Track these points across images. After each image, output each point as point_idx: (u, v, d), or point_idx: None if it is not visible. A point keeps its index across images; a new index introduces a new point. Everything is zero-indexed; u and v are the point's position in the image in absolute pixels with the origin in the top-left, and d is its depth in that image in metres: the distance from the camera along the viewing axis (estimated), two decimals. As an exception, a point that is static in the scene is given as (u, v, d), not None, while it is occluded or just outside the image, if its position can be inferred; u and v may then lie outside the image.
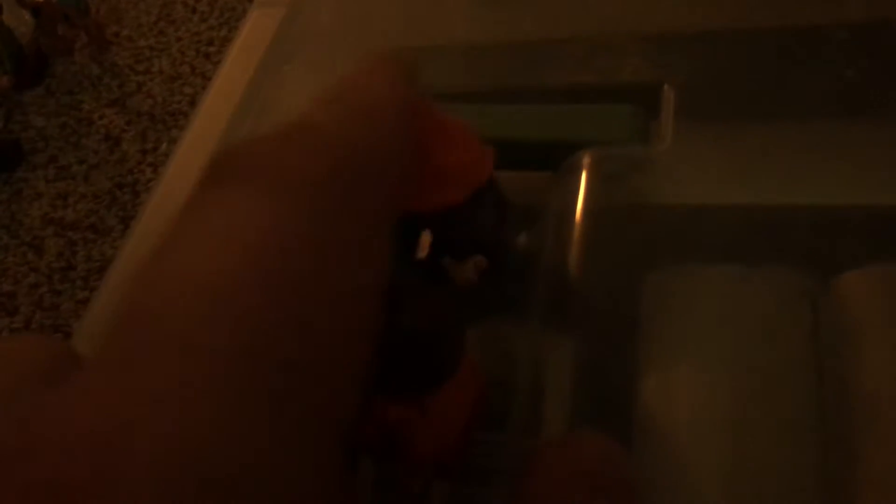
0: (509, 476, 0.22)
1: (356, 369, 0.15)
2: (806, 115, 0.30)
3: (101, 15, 1.99)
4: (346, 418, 0.15)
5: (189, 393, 0.12)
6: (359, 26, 0.41)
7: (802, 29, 0.32)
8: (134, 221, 0.39)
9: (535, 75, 0.34)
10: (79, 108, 1.84)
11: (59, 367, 0.15)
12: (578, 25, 0.35)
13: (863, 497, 0.22)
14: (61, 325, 1.46)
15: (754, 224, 0.27)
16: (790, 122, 0.30)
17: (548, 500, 0.17)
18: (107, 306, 0.35)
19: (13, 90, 1.90)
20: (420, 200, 0.22)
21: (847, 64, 0.30)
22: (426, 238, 0.23)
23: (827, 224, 0.27)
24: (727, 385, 0.25)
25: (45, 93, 1.90)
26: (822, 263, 0.26)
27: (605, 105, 0.30)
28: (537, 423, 0.25)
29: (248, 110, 0.39)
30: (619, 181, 0.28)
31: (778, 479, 0.23)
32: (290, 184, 0.15)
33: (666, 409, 0.25)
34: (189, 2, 1.96)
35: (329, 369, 0.14)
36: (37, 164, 1.77)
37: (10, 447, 0.12)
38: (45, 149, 1.79)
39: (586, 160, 0.28)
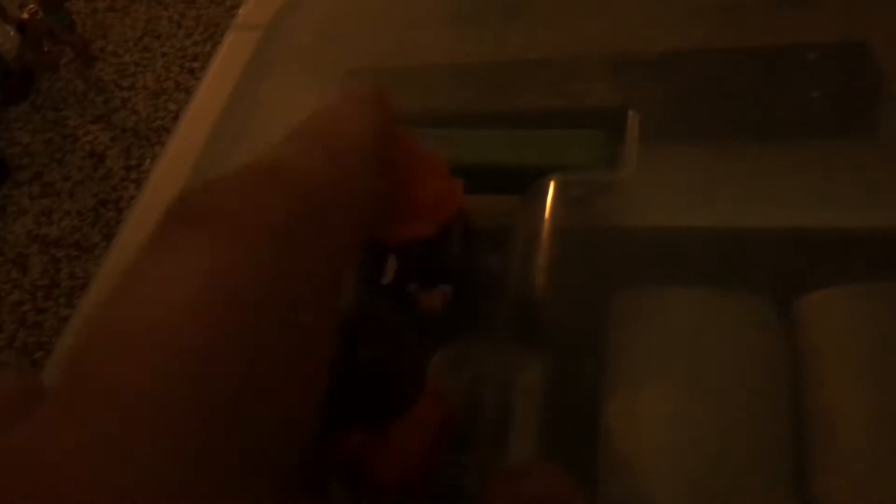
0: (472, 499, 0.22)
1: (302, 412, 0.15)
2: (771, 137, 0.30)
3: (87, 30, 1.99)
4: (290, 455, 0.15)
5: (121, 439, 0.12)
6: (333, 48, 0.41)
7: (768, 51, 0.32)
8: (115, 239, 0.39)
9: (504, 99, 0.34)
10: (64, 125, 1.84)
11: (27, 402, 0.15)
12: (550, 48, 0.36)
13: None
14: (44, 343, 1.45)
15: (719, 246, 0.28)
16: (755, 145, 0.30)
17: None
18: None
19: (-2, 106, 1.89)
20: (390, 232, 0.22)
21: (812, 86, 0.31)
22: (392, 264, 0.24)
23: (791, 246, 0.28)
24: (692, 407, 0.25)
25: (31, 108, 1.90)
26: (787, 284, 0.26)
27: (574, 130, 0.31)
28: (503, 445, 0.25)
29: (225, 129, 0.39)
30: (585, 204, 0.29)
31: (743, 501, 0.24)
32: (249, 228, 0.15)
33: (630, 431, 0.25)
34: (174, 17, 1.96)
35: (272, 414, 0.14)
36: (21, 180, 1.77)
37: None
38: (31, 165, 1.79)
39: (552, 184, 0.29)
